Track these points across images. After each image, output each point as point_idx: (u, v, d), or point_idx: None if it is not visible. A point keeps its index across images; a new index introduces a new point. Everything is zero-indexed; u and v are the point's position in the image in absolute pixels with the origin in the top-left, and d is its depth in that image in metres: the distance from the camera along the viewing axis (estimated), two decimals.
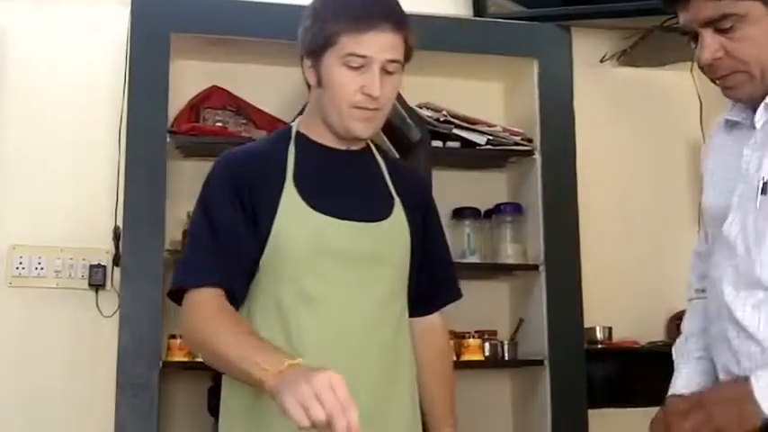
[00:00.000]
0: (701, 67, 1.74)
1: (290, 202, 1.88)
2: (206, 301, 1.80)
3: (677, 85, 3.56)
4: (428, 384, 2.05)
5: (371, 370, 1.88)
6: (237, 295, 1.85)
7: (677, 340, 1.95)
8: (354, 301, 1.89)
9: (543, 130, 3.29)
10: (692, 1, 1.69)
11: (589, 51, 3.52)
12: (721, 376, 1.74)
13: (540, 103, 3.31)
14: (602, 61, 3.56)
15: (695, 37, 1.72)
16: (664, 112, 3.61)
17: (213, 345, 1.74)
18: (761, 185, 1.68)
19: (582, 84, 3.31)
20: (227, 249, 1.84)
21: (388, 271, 1.95)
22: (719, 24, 1.68)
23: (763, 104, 1.72)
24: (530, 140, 3.33)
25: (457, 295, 2.15)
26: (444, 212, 2.74)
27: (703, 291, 1.86)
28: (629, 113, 3.59)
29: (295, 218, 1.87)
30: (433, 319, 2.11)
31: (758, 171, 1.70)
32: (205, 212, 1.89)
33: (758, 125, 1.73)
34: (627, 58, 3.49)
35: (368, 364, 1.88)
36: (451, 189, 3.35)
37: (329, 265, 1.87)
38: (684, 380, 1.85)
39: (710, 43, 1.69)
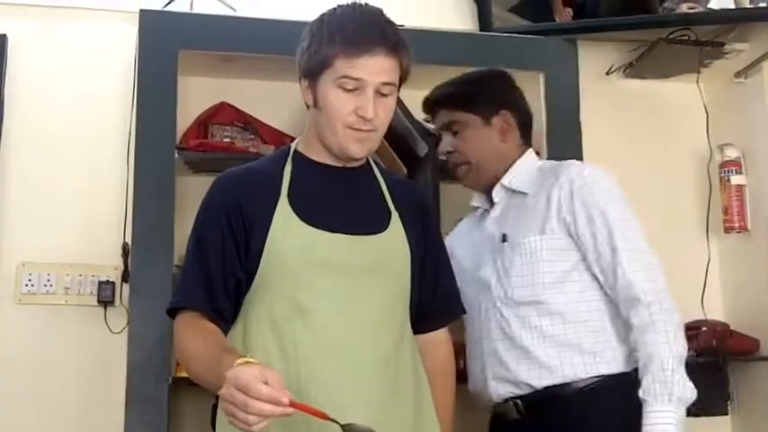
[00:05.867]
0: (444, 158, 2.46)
1: (284, 216, 1.90)
2: (187, 324, 1.89)
3: (683, 96, 3.56)
4: None
5: (370, 382, 1.89)
6: (224, 314, 1.90)
7: None
8: (350, 313, 1.90)
9: (550, 142, 3.29)
10: (435, 112, 2.48)
11: (595, 64, 3.52)
12: (493, 383, 2.26)
13: (547, 115, 3.30)
14: (608, 74, 3.56)
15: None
16: (670, 123, 3.61)
17: (190, 365, 1.86)
18: (501, 236, 2.29)
19: (588, 96, 3.31)
20: (212, 272, 1.89)
21: (385, 283, 1.96)
22: (451, 128, 2.42)
23: (498, 185, 2.38)
24: (537, 153, 3.32)
25: (459, 312, 2.18)
26: (451, 225, 2.74)
27: None
28: (635, 125, 3.59)
29: (288, 232, 1.89)
30: (437, 334, 2.12)
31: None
32: (195, 237, 1.96)
33: (496, 200, 2.38)
34: (633, 70, 3.50)
35: (366, 377, 1.88)
36: (459, 202, 3.33)
37: (323, 278, 1.89)
38: None
39: (446, 141, 2.44)
